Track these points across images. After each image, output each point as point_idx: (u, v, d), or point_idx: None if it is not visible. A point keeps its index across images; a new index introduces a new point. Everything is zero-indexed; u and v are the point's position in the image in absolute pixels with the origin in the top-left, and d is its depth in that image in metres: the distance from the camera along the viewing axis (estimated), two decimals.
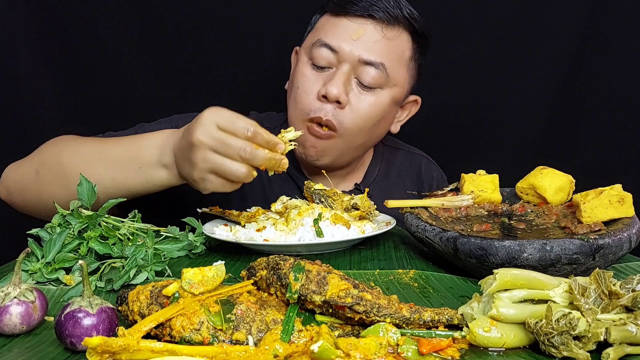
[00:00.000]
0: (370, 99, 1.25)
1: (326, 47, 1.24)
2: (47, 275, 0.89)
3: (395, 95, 1.29)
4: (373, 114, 1.26)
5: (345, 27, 1.24)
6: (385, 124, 1.34)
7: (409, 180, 1.48)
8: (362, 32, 1.22)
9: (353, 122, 1.24)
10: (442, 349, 0.64)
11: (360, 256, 1.04)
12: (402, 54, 1.28)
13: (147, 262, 0.92)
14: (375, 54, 1.23)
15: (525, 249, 0.82)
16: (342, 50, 1.22)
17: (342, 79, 1.22)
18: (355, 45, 1.22)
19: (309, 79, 1.26)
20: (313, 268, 0.70)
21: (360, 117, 1.25)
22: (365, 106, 1.25)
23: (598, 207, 0.94)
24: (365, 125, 1.26)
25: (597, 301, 0.65)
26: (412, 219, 1.01)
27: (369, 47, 1.23)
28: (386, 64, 1.24)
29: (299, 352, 0.62)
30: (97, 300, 0.68)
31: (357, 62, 1.23)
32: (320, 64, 1.25)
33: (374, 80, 1.24)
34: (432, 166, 1.54)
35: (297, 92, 1.27)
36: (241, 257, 1.03)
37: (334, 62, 1.24)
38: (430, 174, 1.51)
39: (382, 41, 1.24)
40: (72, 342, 0.65)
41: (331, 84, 1.21)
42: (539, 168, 1.11)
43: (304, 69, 1.27)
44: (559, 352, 0.62)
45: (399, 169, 1.49)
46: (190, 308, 0.66)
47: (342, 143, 1.27)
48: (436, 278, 0.91)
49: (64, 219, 0.97)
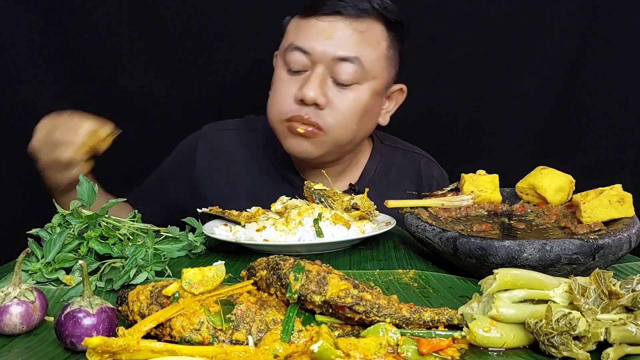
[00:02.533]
0: (350, 96, 1.24)
1: (298, 50, 1.24)
2: (47, 275, 0.89)
3: (376, 88, 1.28)
4: (355, 110, 1.25)
5: (315, 27, 1.23)
6: (371, 118, 1.33)
7: (408, 179, 1.47)
8: (332, 29, 1.22)
9: (336, 120, 1.24)
10: (442, 349, 0.64)
11: (360, 256, 1.04)
12: (377, 45, 1.27)
13: (147, 262, 0.92)
14: (348, 49, 1.22)
15: (525, 249, 0.82)
16: (314, 51, 1.22)
17: (318, 80, 1.22)
18: (327, 44, 1.22)
19: (286, 83, 1.26)
20: (313, 268, 0.70)
21: (343, 115, 1.24)
22: (346, 104, 1.24)
23: (598, 207, 0.94)
24: (349, 122, 1.26)
25: (597, 301, 0.65)
26: (412, 219, 1.01)
27: (341, 43, 1.22)
28: (361, 57, 1.23)
29: (299, 352, 0.62)
30: (97, 300, 0.68)
31: (332, 61, 1.22)
32: (294, 68, 1.25)
33: (351, 76, 1.23)
34: (432, 165, 1.53)
35: (274, 96, 1.28)
36: (241, 257, 1.03)
37: (308, 64, 1.24)
38: (430, 173, 1.50)
39: (354, 35, 1.23)
40: (72, 342, 0.65)
41: (307, 87, 1.21)
42: (539, 168, 1.11)
43: (280, 73, 1.28)
44: (559, 352, 0.62)
45: (398, 168, 1.48)
46: (190, 308, 0.66)
47: (331, 139, 1.27)
48: (436, 278, 0.91)
49: (64, 219, 0.97)
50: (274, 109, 1.28)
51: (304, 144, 1.26)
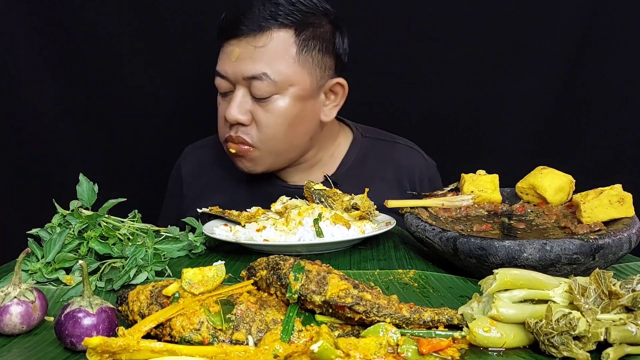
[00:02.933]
0: (271, 108, 1.26)
1: (218, 75, 1.29)
2: (47, 275, 0.89)
3: (297, 93, 1.28)
4: (280, 120, 1.27)
5: (225, 51, 1.28)
6: (305, 121, 1.32)
7: (387, 168, 1.45)
8: (236, 51, 1.25)
9: (262, 134, 1.28)
10: (442, 349, 0.64)
11: (360, 256, 1.04)
12: (284, 53, 1.26)
13: (147, 262, 0.92)
14: (253, 67, 1.24)
15: (525, 249, 0.82)
16: (227, 75, 1.27)
17: (237, 101, 1.26)
18: (235, 66, 1.26)
19: (220, 106, 1.32)
20: (313, 268, 0.70)
21: (267, 127, 1.27)
22: (270, 116, 1.27)
23: (598, 207, 0.94)
24: (276, 132, 1.28)
25: (597, 301, 0.65)
26: (412, 219, 1.01)
27: (246, 63, 1.25)
28: (268, 71, 1.24)
29: (299, 352, 0.62)
30: (97, 300, 0.68)
31: (244, 80, 1.26)
32: (221, 90, 1.30)
33: (264, 91, 1.25)
34: (414, 153, 1.51)
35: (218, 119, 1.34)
36: (241, 257, 1.03)
37: (230, 86, 1.28)
38: (412, 161, 1.48)
39: (257, 52, 1.25)
40: (72, 342, 0.65)
41: (228, 109, 1.27)
42: (539, 168, 1.10)
43: (218, 97, 1.34)
44: (559, 352, 0.62)
45: (376, 158, 1.46)
46: (190, 308, 0.66)
47: (265, 152, 1.30)
48: (436, 278, 0.91)
49: (64, 219, 0.97)
50: (218, 131, 1.35)
51: (243, 162, 1.32)
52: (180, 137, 1.55)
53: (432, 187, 1.44)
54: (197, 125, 1.63)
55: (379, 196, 1.17)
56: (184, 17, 1.70)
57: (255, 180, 1.41)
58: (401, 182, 1.43)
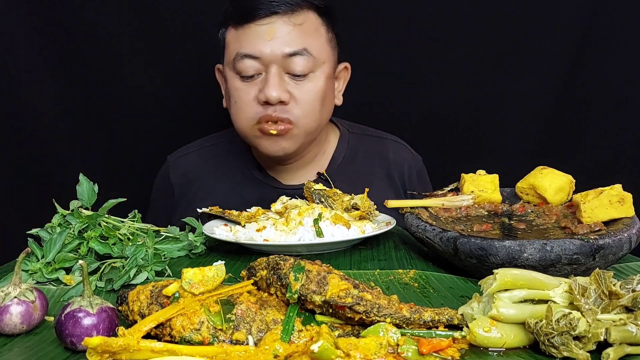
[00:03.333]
0: (308, 86, 1.29)
1: (247, 57, 1.27)
2: (47, 275, 0.89)
3: (328, 72, 1.33)
4: (317, 97, 1.30)
5: (256, 32, 1.27)
6: (330, 101, 1.37)
7: (377, 164, 1.48)
8: (273, 30, 1.25)
9: (302, 111, 1.28)
10: (442, 349, 0.64)
11: (360, 256, 1.04)
12: (316, 32, 1.30)
13: (147, 262, 0.92)
14: (294, 43, 1.26)
15: (526, 249, 0.82)
16: (263, 55, 1.26)
17: (276, 79, 1.25)
18: (272, 44, 1.25)
19: (244, 90, 1.29)
20: (313, 268, 0.70)
21: (307, 105, 1.29)
22: (307, 93, 1.29)
23: (598, 207, 0.94)
24: (314, 110, 1.30)
25: (597, 301, 0.65)
26: (412, 219, 1.01)
27: (286, 40, 1.25)
28: (308, 47, 1.27)
29: (299, 352, 0.62)
30: (97, 300, 0.68)
31: (282, 58, 1.26)
32: (248, 74, 1.28)
33: (304, 67, 1.27)
34: (401, 148, 1.53)
35: (236, 105, 1.31)
36: (241, 257, 1.03)
37: (260, 67, 1.27)
38: (400, 156, 1.50)
39: (294, 30, 1.26)
40: (72, 341, 0.65)
41: (268, 88, 1.25)
42: (539, 168, 1.10)
43: (235, 83, 1.31)
44: (559, 352, 0.62)
45: (366, 153, 1.49)
46: (190, 308, 0.66)
47: (302, 130, 1.31)
48: (436, 278, 0.91)
49: (64, 219, 0.97)
50: (240, 117, 1.31)
51: (279, 143, 1.30)
52: (180, 137, 1.55)
53: (420, 181, 1.48)
54: (197, 125, 1.63)
55: (372, 192, 1.18)
56: (184, 17, 1.70)
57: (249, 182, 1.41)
58: (392, 176, 1.46)
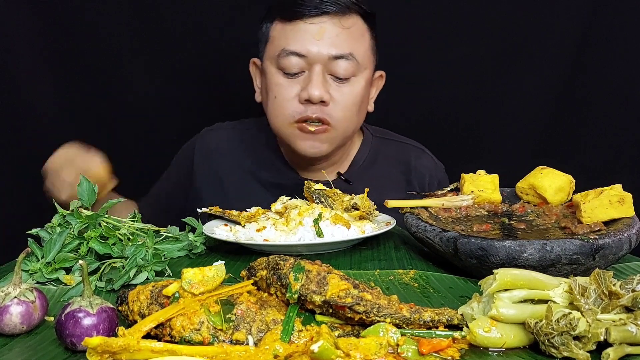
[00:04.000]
0: (349, 89, 1.30)
1: (294, 54, 1.27)
2: (47, 275, 0.89)
3: (368, 78, 1.35)
4: (355, 101, 1.32)
5: (305, 30, 1.27)
6: (365, 107, 1.39)
7: (398, 169, 1.48)
8: (322, 30, 1.26)
9: (341, 114, 1.30)
10: (442, 349, 0.64)
11: (360, 256, 1.04)
12: (362, 38, 1.32)
13: (147, 262, 0.92)
14: (341, 47, 1.27)
15: (526, 249, 0.82)
16: (310, 54, 1.26)
17: (320, 79, 1.26)
18: (320, 44, 1.26)
19: (285, 87, 1.30)
20: (313, 268, 0.70)
21: (346, 108, 1.30)
22: (347, 97, 1.30)
23: (598, 207, 0.94)
24: (351, 113, 1.32)
25: (597, 301, 0.65)
26: (412, 219, 1.01)
27: (334, 42, 1.26)
28: (354, 52, 1.28)
29: (299, 352, 0.62)
30: (97, 300, 0.68)
31: (328, 59, 1.27)
32: (292, 71, 1.29)
33: (348, 71, 1.29)
34: (424, 155, 1.53)
35: (276, 101, 1.31)
36: (241, 257, 1.03)
37: (305, 66, 1.28)
38: (421, 164, 1.50)
39: (343, 33, 1.27)
40: (72, 341, 0.65)
41: (312, 87, 1.25)
42: (539, 168, 1.10)
43: (276, 78, 1.31)
44: (559, 352, 0.62)
45: (387, 158, 1.50)
46: (190, 308, 0.66)
47: (339, 132, 1.32)
48: (436, 278, 0.91)
49: (64, 219, 0.97)
50: (279, 112, 1.31)
51: (315, 143, 1.31)
52: (180, 137, 1.55)
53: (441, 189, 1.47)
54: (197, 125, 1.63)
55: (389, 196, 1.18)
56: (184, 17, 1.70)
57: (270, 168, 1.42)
58: (411, 182, 1.47)
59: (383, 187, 1.31)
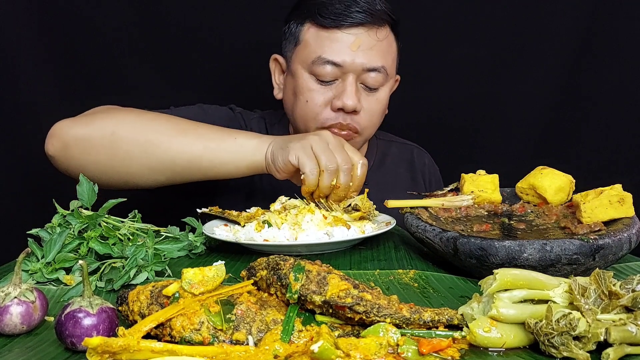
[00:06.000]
0: (376, 98, 1.34)
1: (330, 63, 1.28)
2: (47, 275, 0.89)
3: (392, 87, 1.39)
4: (381, 109, 1.36)
5: (342, 40, 1.28)
6: (385, 111, 1.42)
7: (403, 168, 1.55)
8: (359, 41, 1.27)
9: (368, 122, 1.34)
10: (442, 349, 0.64)
11: (360, 256, 1.04)
12: (390, 49, 1.35)
13: (147, 262, 0.92)
14: (375, 60, 1.29)
15: (525, 249, 0.82)
16: (345, 64, 1.28)
17: (353, 89, 1.29)
18: (356, 55, 1.28)
19: (318, 92, 1.31)
20: (313, 268, 0.70)
21: (374, 116, 1.35)
22: (375, 106, 1.34)
23: (598, 207, 0.94)
24: (377, 120, 1.38)
25: (597, 301, 0.65)
26: (412, 219, 1.01)
27: (368, 54, 1.29)
28: (385, 65, 1.31)
29: (299, 352, 0.62)
30: (97, 300, 0.68)
31: (361, 70, 1.29)
32: (326, 79, 1.30)
33: (377, 82, 1.32)
34: (423, 154, 1.61)
35: (307, 105, 1.32)
36: (241, 257, 1.03)
37: (339, 74, 1.30)
38: (422, 161, 1.58)
39: (377, 45, 1.30)
40: (72, 342, 0.65)
41: (346, 97, 1.28)
42: (539, 168, 1.10)
43: (308, 83, 1.32)
44: (559, 352, 0.62)
45: (393, 158, 1.55)
46: (190, 308, 0.66)
47: (363, 139, 1.38)
48: (436, 278, 0.91)
49: (64, 219, 0.97)
50: (310, 117, 1.34)
51: None
52: None
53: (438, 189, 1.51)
54: None
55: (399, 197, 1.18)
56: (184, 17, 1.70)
57: None
58: (416, 179, 1.53)
59: (393, 188, 1.37)
